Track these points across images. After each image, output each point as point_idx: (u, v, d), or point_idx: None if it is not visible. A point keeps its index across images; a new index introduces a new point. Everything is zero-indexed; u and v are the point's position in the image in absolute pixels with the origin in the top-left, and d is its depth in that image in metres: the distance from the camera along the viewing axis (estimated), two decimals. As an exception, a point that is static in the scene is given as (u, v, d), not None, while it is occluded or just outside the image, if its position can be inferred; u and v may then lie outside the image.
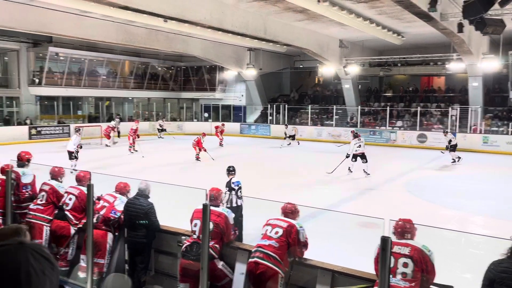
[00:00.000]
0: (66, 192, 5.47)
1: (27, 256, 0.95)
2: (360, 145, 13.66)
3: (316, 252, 4.30)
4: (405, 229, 3.64)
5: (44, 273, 0.96)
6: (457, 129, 22.43)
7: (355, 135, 14.26)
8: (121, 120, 25.40)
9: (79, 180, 5.55)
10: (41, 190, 5.67)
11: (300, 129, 26.68)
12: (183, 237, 4.67)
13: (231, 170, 7.33)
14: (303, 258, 4.19)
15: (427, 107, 25.74)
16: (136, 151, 18.38)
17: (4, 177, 5.10)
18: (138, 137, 19.25)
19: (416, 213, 8.34)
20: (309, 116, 27.49)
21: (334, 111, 26.85)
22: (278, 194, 10.65)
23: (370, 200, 10.71)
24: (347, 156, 13.78)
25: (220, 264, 4.37)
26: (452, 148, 16.51)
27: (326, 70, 25.60)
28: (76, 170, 9.52)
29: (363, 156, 13.64)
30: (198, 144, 16.57)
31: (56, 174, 5.78)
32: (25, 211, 5.61)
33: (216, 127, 22.66)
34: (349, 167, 13.76)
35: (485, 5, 8.67)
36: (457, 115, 22.82)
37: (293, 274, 4.18)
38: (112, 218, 4.99)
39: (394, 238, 3.61)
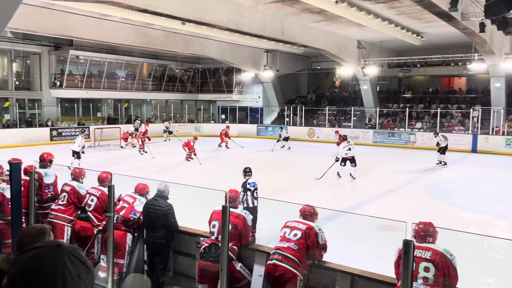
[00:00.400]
0: (88, 193, 5.55)
1: (64, 259, 0.95)
2: (349, 148, 13.03)
3: (335, 255, 4.26)
4: (427, 232, 3.57)
5: (80, 277, 0.96)
6: (478, 131, 22.02)
7: (344, 138, 13.54)
8: (142, 122, 25.64)
9: (101, 181, 5.61)
10: (62, 190, 5.76)
11: (318, 130, 26.62)
12: (202, 238, 4.69)
13: (247, 171, 7.30)
14: (322, 261, 4.16)
15: (447, 109, 25.32)
16: (146, 152, 18.56)
17: (27, 177, 5.19)
18: (149, 140, 19.31)
19: (437, 216, 8.21)
20: (327, 117, 27.36)
21: (352, 112, 26.66)
22: (294, 195, 10.62)
23: (389, 203, 10.57)
24: (336, 160, 13.11)
25: (238, 266, 4.37)
26: (442, 150, 16.14)
27: (344, 71, 25.46)
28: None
29: (352, 160, 13.02)
30: (188, 145, 16.61)
31: (77, 175, 5.87)
32: (47, 211, 5.71)
33: (222, 130, 21.94)
34: (338, 172, 13.15)
35: (507, 5, 8.50)
36: (478, 117, 22.38)
37: (312, 277, 4.15)
38: (131, 218, 5.04)
39: (414, 242, 3.55)
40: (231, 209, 4.20)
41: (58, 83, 24.23)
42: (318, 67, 30.61)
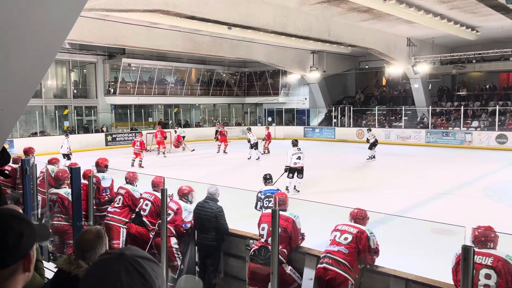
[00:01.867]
0: (142, 198, 5.72)
1: (119, 269, 0.93)
2: (299, 156, 10.98)
3: (388, 259, 4.15)
4: (487, 237, 3.39)
5: None
6: (542, 129, 20.68)
7: (294, 143, 11.29)
8: (226, 124, 26.84)
9: (155, 185, 5.75)
10: (117, 193, 5.99)
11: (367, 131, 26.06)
12: (251, 241, 4.71)
13: (267, 178, 7.04)
14: (374, 265, 4.06)
15: (507, 106, 23.91)
16: (164, 153, 19.42)
17: (86, 182, 5.46)
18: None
19: (497, 220, 7.77)
20: (376, 118, 26.70)
21: (403, 112, 25.85)
22: (344, 198, 10.45)
23: (445, 206, 10.12)
24: (286, 170, 11.00)
25: (288, 269, 4.35)
26: (370, 146, 16.91)
27: (393, 70, 24.76)
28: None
29: (300, 171, 11.01)
30: (142, 145, 16.21)
31: (131, 178, 6.09)
32: (104, 213, 5.98)
33: (221, 132, 20.59)
34: (286, 187, 10.94)
35: None
36: (541, 113, 20.99)
37: (363, 281, 4.06)
38: (183, 231, 5.13)
39: (474, 247, 3.37)
40: (280, 212, 4.20)
41: (112, 90, 25.34)
42: (366, 67, 29.94)
